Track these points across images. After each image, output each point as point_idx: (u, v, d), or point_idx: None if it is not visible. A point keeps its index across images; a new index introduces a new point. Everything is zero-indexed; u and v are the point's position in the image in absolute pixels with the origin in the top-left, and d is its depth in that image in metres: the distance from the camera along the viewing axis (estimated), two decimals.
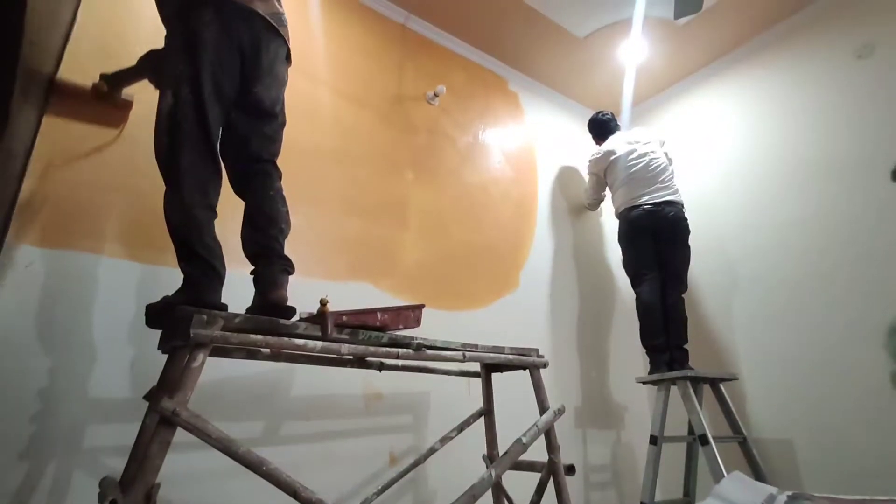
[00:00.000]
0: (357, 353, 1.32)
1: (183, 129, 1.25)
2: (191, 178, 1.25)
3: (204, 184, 1.28)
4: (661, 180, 2.75)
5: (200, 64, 1.28)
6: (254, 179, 1.47)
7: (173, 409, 0.99)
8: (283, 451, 1.80)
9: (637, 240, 2.74)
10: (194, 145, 1.27)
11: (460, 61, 3.04)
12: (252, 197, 1.46)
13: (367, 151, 2.43)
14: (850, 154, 2.44)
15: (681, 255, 2.67)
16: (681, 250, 2.67)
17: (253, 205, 1.45)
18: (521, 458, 1.55)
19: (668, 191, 2.72)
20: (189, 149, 1.26)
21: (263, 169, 1.48)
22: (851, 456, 2.17)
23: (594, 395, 2.91)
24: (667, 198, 2.70)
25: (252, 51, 1.40)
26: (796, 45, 2.80)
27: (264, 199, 1.45)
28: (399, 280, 2.33)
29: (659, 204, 2.69)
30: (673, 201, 2.70)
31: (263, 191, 1.46)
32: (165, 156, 1.27)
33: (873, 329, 2.20)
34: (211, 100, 1.29)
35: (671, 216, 2.67)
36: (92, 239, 1.62)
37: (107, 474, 1.33)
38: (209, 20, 1.31)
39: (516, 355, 1.72)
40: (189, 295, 1.23)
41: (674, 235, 2.67)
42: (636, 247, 2.74)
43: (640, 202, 2.73)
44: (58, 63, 1.67)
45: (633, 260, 2.75)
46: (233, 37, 1.35)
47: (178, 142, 1.25)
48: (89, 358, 1.53)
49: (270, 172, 1.49)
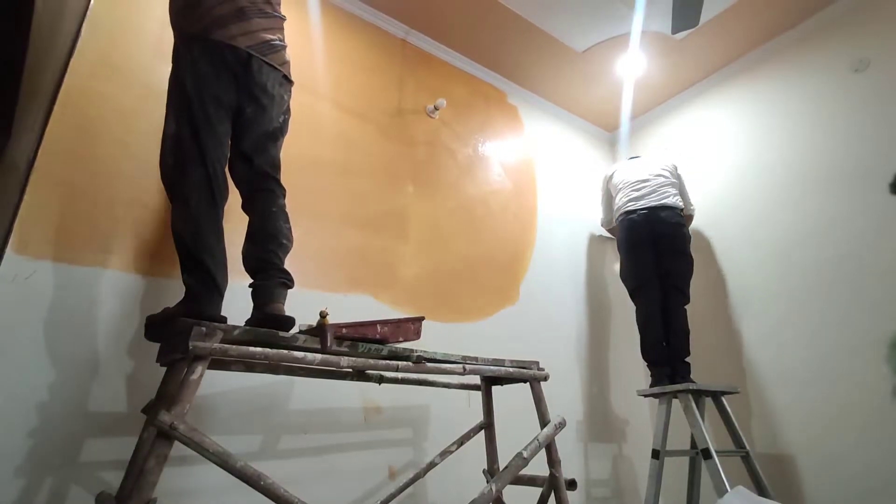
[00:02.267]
0: (356, 366, 1.31)
1: (184, 150, 1.35)
2: (196, 193, 1.32)
3: (208, 199, 1.34)
4: (658, 190, 2.76)
5: (194, 92, 1.38)
6: (257, 197, 1.51)
7: (171, 422, 0.98)
8: (282, 465, 1.78)
9: (636, 248, 2.73)
10: (196, 164, 1.34)
11: (460, 75, 3.07)
12: (255, 214, 1.50)
13: (368, 164, 2.44)
14: (847, 167, 2.45)
15: (681, 265, 2.65)
16: (680, 260, 2.66)
17: (255, 222, 1.49)
18: (521, 472, 1.53)
19: (665, 196, 2.73)
20: (191, 167, 1.34)
21: (267, 186, 1.52)
22: (855, 471, 2.15)
23: (595, 408, 2.89)
24: (663, 201, 2.71)
25: (244, 77, 1.47)
26: (793, 59, 2.83)
27: (266, 216, 1.48)
28: (399, 292, 2.32)
29: (654, 208, 2.70)
30: (669, 205, 2.71)
31: (266, 208, 1.49)
32: (171, 174, 1.36)
33: (875, 343, 2.19)
34: (205, 124, 1.37)
35: (669, 221, 2.67)
36: (92, 251, 1.62)
37: (103, 489, 1.32)
38: (198, 55, 1.42)
39: (517, 368, 1.71)
40: (189, 307, 1.26)
41: (672, 243, 2.66)
42: (635, 255, 2.73)
43: (637, 206, 2.75)
44: (62, 75, 1.68)
45: (632, 270, 2.74)
46: (224, 66, 1.44)
47: (181, 161, 1.34)
48: (88, 371, 1.52)
49: (273, 189, 1.53)
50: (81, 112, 1.70)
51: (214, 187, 1.35)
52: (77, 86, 1.71)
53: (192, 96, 1.38)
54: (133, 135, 1.79)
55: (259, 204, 1.50)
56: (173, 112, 1.40)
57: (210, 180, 1.35)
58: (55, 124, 1.64)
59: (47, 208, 1.57)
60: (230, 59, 1.44)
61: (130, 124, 1.79)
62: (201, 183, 1.33)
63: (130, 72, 1.84)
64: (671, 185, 2.81)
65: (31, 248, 1.51)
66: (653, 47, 2.98)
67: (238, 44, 1.45)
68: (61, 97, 1.67)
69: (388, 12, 2.74)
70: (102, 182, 1.69)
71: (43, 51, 1.38)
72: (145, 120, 1.82)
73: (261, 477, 1.03)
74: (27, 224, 1.52)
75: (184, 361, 1.13)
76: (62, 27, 1.58)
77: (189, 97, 1.38)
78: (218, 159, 1.40)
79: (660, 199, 2.72)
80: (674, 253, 2.66)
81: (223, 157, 1.43)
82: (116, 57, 1.83)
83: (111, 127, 1.75)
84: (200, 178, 1.33)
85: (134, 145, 1.78)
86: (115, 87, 1.79)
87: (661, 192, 2.76)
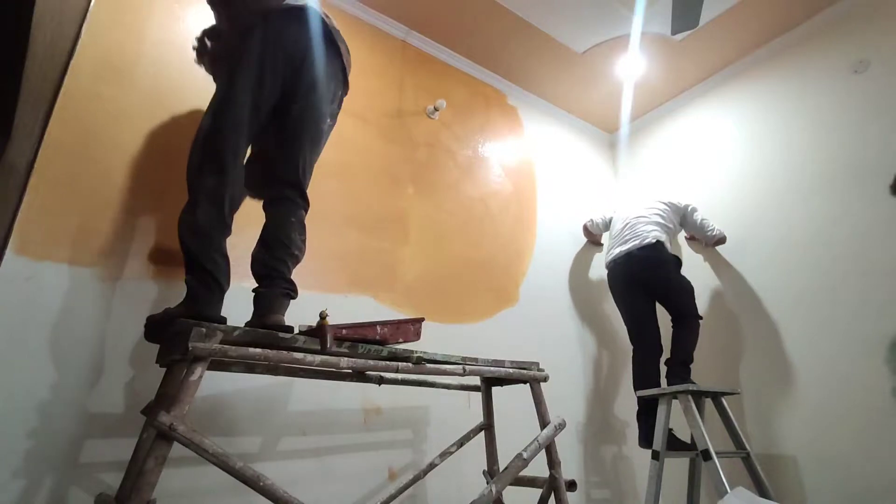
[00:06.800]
0: (356, 367, 1.31)
1: (208, 151, 1.36)
2: (208, 199, 1.32)
3: (219, 207, 1.33)
4: (636, 234, 2.72)
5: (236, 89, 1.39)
6: (278, 204, 1.50)
7: (170, 423, 0.98)
8: (281, 466, 1.78)
9: (624, 295, 2.76)
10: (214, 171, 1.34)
11: (460, 76, 3.07)
12: (271, 220, 1.49)
13: (368, 165, 2.45)
14: (847, 168, 2.45)
15: (674, 297, 2.63)
16: (673, 292, 2.63)
17: (270, 227, 1.47)
18: (521, 473, 1.53)
19: (640, 239, 2.68)
20: (210, 173, 1.34)
21: (289, 196, 1.50)
22: (855, 472, 2.15)
23: (595, 409, 2.88)
24: (638, 244, 2.67)
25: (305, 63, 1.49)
26: (793, 61, 2.83)
27: (282, 224, 1.47)
28: (399, 293, 2.32)
29: (630, 253, 2.70)
30: (644, 246, 2.66)
31: (284, 217, 1.48)
32: (192, 173, 1.37)
33: (876, 344, 2.19)
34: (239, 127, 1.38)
35: (646, 261, 2.64)
36: (92, 253, 1.62)
37: (102, 490, 1.32)
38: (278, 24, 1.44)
39: (517, 369, 1.71)
40: (190, 307, 1.26)
41: (654, 281, 2.65)
42: (624, 303, 2.77)
43: (614, 254, 2.78)
44: (62, 77, 1.68)
45: (624, 316, 2.78)
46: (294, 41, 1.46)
47: (202, 162, 1.36)
48: (88, 372, 1.52)
49: (296, 200, 1.51)
50: (81, 113, 1.70)
51: (227, 200, 1.35)
52: (77, 87, 1.71)
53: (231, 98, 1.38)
54: (133, 136, 1.79)
55: (277, 211, 1.49)
56: (213, 107, 1.40)
57: (225, 188, 1.34)
58: (55, 125, 1.64)
59: (47, 209, 1.57)
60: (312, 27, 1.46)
61: (130, 126, 1.80)
62: (216, 190, 1.33)
63: (130, 73, 1.85)
64: (652, 223, 2.73)
65: (30, 248, 1.51)
66: (653, 48, 2.99)
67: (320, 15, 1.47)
68: (61, 98, 1.67)
69: (388, 14, 2.74)
70: (102, 183, 1.69)
71: (43, 52, 1.38)
72: (145, 121, 1.83)
73: (260, 478, 1.03)
74: (27, 225, 1.52)
75: (183, 362, 1.13)
76: (62, 29, 1.58)
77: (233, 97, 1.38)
78: (240, 166, 1.40)
79: (638, 241, 2.69)
80: (659, 289, 2.66)
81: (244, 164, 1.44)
82: (116, 58, 1.83)
83: (111, 128, 1.75)
84: (216, 189, 1.33)
85: (134, 147, 1.78)
86: (115, 88, 1.79)
87: (638, 233, 2.72)
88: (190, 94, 1.93)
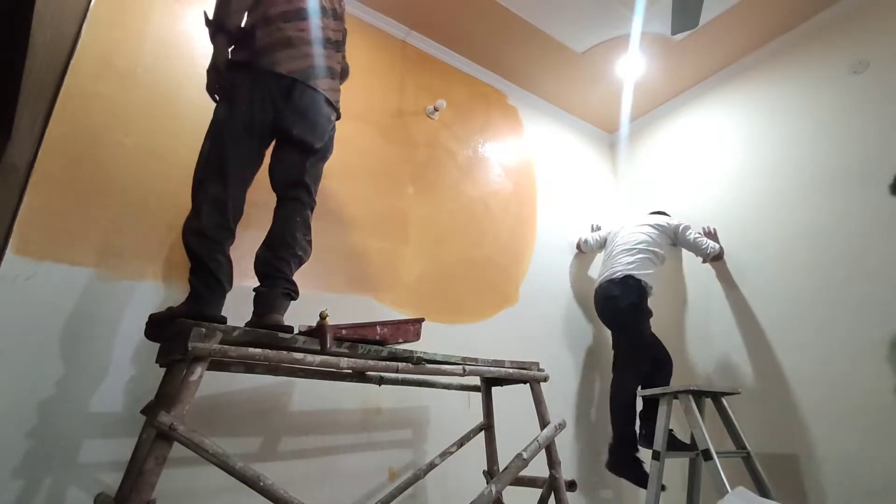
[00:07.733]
0: (356, 367, 1.31)
1: (208, 169, 1.40)
2: (210, 210, 1.35)
3: (221, 216, 1.36)
4: (613, 264, 2.70)
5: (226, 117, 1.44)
6: (285, 204, 1.53)
7: (170, 423, 0.98)
8: (282, 466, 1.78)
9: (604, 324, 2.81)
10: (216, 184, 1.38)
11: (460, 76, 3.07)
12: (277, 219, 1.51)
13: (368, 165, 2.44)
14: (847, 168, 2.45)
15: (622, 342, 2.64)
16: (623, 336, 2.63)
17: (276, 227, 1.50)
18: (521, 473, 1.53)
19: (611, 272, 2.67)
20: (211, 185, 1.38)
21: (296, 195, 1.53)
22: (857, 471, 2.15)
23: (595, 409, 2.88)
24: (608, 276, 2.67)
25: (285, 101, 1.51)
26: (793, 61, 2.83)
27: (287, 223, 1.49)
28: (399, 293, 2.32)
29: (601, 284, 2.72)
30: (612, 279, 2.63)
31: (290, 216, 1.51)
32: (195, 187, 1.41)
33: (876, 343, 2.18)
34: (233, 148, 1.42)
35: (605, 300, 2.65)
36: (92, 253, 1.62)
37: (102, 490, 1.32)
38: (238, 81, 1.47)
39: (517, 369, 1.71)
40: (191, 307, 1.28)
41: (612, 317, 2.67)
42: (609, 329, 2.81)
43: (597, 282, 2.80)
44: (62, 76, 1.68)
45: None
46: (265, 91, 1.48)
47: (204, 178, 1.39)
48: (88, 372, 1.52)
49: (302, 199, 1.54)
50: (81, 113, 1.70)
51: (229, 207, 1.38)
52: (77, 87, 1.71)
53: (225, 121, 1.43)
54: (133, 136, 1.79)
55: (284, 210, 1.51)
56: (210, 132, 1.46)
57: (226, 200, 1.37)
58: (55, 125, 1.64)
59: (47, 209, 1.57)
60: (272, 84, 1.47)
61: (130, 125, 1.80)
62: (218, 201, 1.36)
63: (130, 73, 1.85)
64: (632, 253, 2.68)
65: (30, 248, 1.51)
66: (652, 48, 2.98)
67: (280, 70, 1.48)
68: (61, 98, 1.67)
69: (389, 13, 2.74)
70: (102, 183, 1.69)
71: (43, 52, 1.38)
72: (145, 121, 1.83)
73: (260, 478, 1.03)
74: (27, 225, 1.52)
75: (183, 362, 1.13)
76: (62, 29, 1.58)
77: (222, 122, 1.44)
78: (241, 181, 1.44)
79: (609, 273, 2.69)
80: (613, 328, 2.71)
81: (247, 180, 1.47)
82: (116, 58, 1.83)
83: (111, 128, 1.75)
84: (217, 197, 1.37)
85: (134, 146, 1.78)
86: (115, 88, 1.79)
87: (614, 264, 2.71)
88: (190, 94, 1.93)
